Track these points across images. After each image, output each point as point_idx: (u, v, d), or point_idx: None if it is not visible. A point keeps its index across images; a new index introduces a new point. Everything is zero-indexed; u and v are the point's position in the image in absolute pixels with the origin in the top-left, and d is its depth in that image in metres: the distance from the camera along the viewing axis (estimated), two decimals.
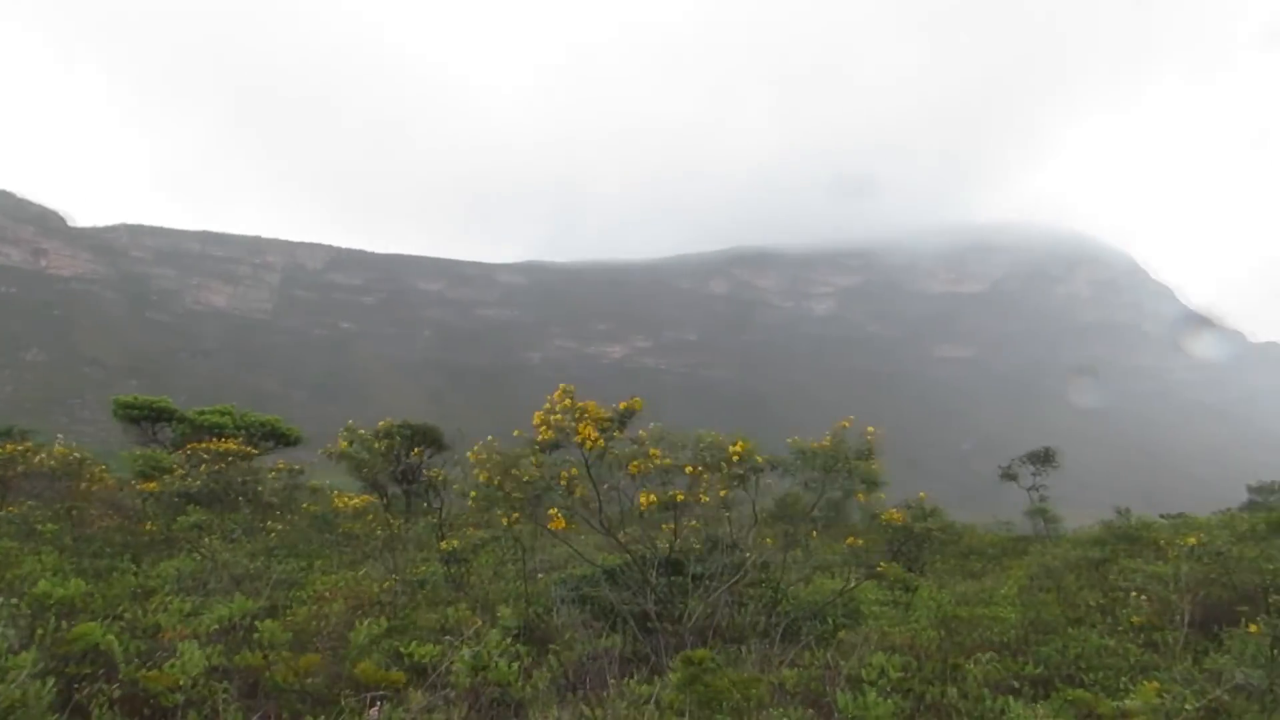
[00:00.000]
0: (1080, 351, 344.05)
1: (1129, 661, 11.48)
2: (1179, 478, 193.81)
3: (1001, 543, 31.82)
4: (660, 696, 6.27)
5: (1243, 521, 22.39)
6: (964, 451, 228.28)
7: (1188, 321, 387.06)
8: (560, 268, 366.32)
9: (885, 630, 12.01)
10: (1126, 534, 21.92)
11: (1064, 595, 16.81)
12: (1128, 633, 13.29)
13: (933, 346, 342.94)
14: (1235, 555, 15.19)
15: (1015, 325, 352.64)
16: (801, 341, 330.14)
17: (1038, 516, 40.44)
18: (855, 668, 8.05)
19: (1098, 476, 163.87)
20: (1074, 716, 7.96)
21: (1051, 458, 48.22)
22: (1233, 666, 9.92)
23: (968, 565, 26.44)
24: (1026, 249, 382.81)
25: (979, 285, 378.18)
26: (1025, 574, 20.04)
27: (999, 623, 13.11)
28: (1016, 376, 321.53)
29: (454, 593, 12.38)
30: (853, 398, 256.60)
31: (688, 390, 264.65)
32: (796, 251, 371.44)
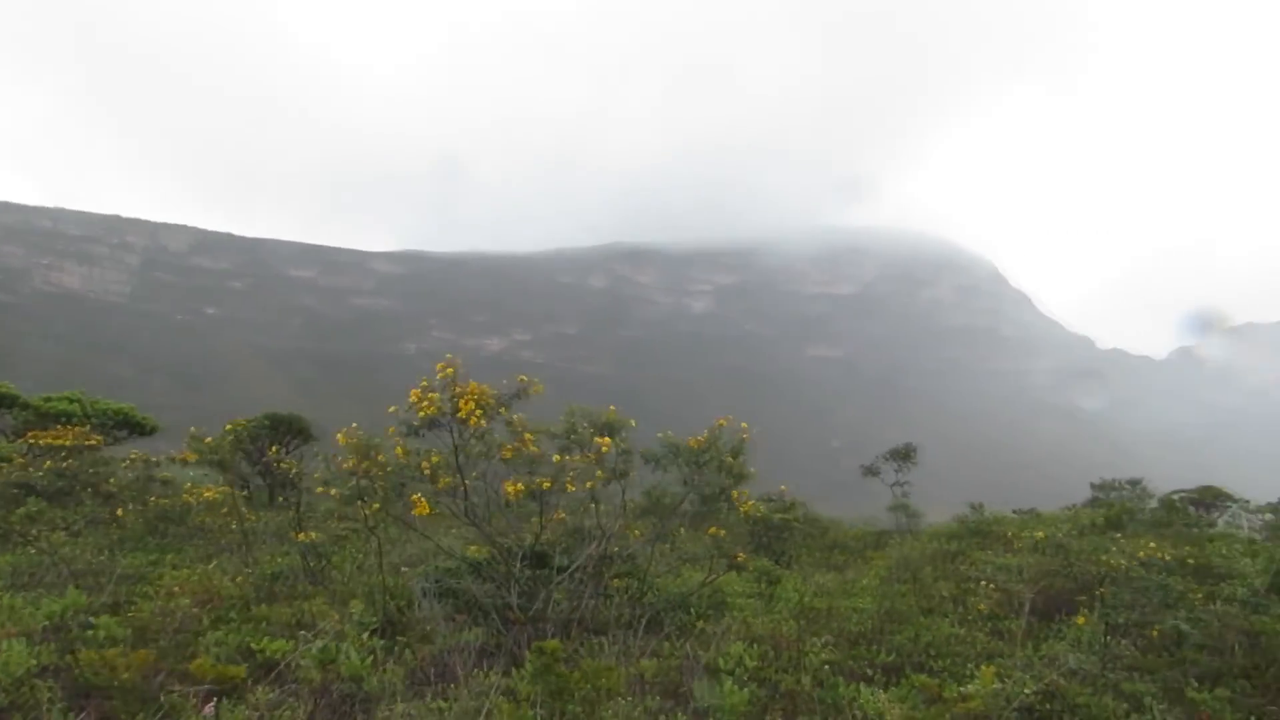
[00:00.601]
0: (943, 354, 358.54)
1: (976, 649, 12.00)
2: (1031, 475, 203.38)
3: (864, 536, 32.78)
4: (512, 688, 6.23)
5: (1085, 516, 23.71)
6: (833, 448, 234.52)
7: (1042, 327, 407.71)
8: (438, 257, 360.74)
9: (748, 621, 12.23)
10: (979, 528, 22.88)
11: (920, 586, 17.44)
12: (976, 621, 13.88)
13: (806, 346, 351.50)
14: (1075, 548, 16.03)
15: (884, 327, 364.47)
16: (679, 338, 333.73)
17: (899, 511, 41.79)
18: (714, 658, 8.17)
19: (957, 473, 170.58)
20: (919, 701, 8.26)
21: (913, 455, 49.91)
22: (1067, 652, 10.45)
23: (832, 558, 27.16)
24: (896, 254, 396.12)
25: (850, 288, 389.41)
26: (885, 566, 20.71)
27: (857, 613, 13.51)
28: (884, 376, 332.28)
29: (312, 587, 12.02)
30: (728, 395, 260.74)
31: (566, 384, 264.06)
32: (676, 249, 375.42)
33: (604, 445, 10.10)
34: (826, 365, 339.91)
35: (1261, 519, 28.76)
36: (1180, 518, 30.26)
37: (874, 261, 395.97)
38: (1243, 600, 13.06)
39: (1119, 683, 10.15)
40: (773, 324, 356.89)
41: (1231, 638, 12.17)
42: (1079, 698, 9.58)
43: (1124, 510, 25.17)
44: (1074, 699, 9.57)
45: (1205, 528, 27.59)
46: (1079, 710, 9.35)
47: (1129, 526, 24.70)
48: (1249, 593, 13.22)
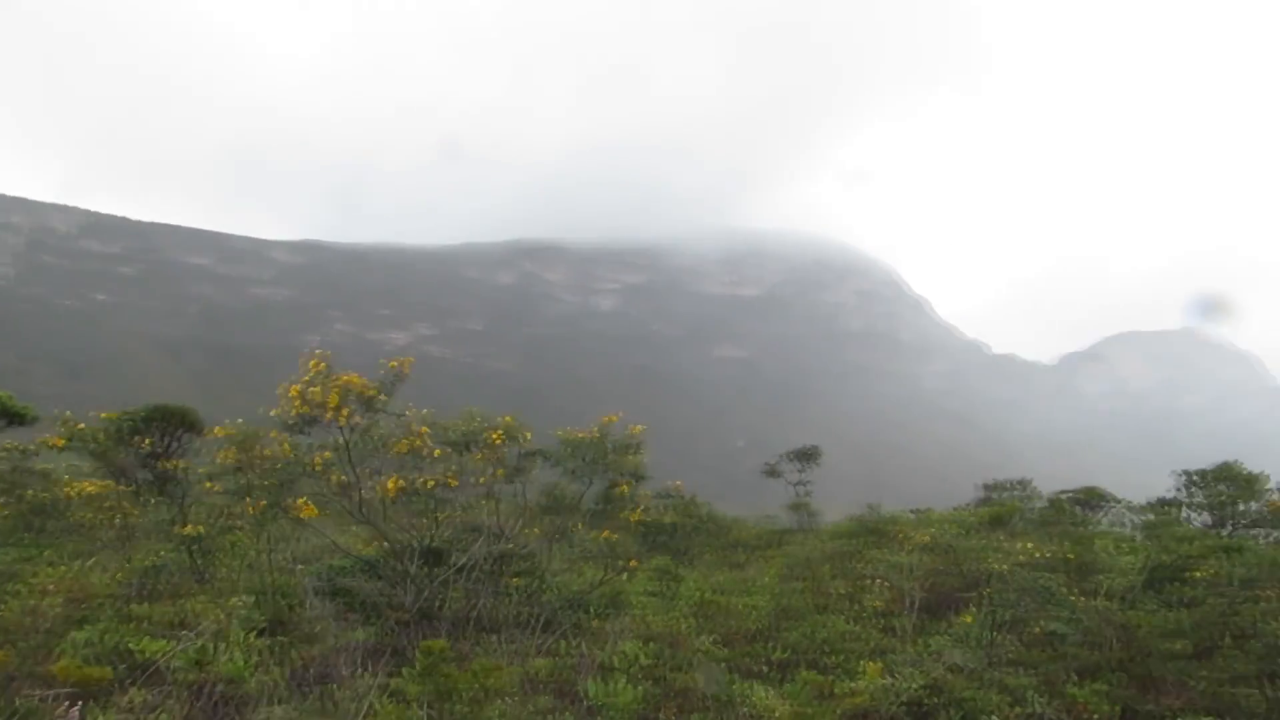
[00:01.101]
0: (844, 356, 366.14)
1: (868, 645, 12.24)
2: (925, 475, 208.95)
3: (764, 535, 33.17)
4: (400, 688, 6.09)
5: (974, 516, 24.39)
6: (736, 448, 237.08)
7: (937, 332, 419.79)
8: (342, 249, 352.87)
9: (645, 619, 12.25)
10: (874, 527, 23.36)
11: (816, 584, 17.72)
12: (869, 618, 14.18)
13: (711, 346, 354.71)
14: (963, 547, 16.49)
15: (787, 329, 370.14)
16: (586, 336, 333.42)
17: (799, 510, 42.45)
18: (607, 656, 8.14)
19: (855, 473, 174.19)
20: (809, 697, 8.38)
21: (814, 455, 50.74)
22: (950, 648, 10.72)
23: (733, 556, 27.41)
24: (800, 257, 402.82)
25: (755, 289, 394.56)
26: (783, 564, 21.00)
27: (753, 610, 13.66)
28: (786, 378, 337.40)
29: (196, 584, 11.59)
30: (634, 394, 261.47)
31: (471, 380, 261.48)
32: (584, 246, 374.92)
33: (495, 437, 9.98)
34: (731, 365, 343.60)
35: (1141, 518, 29.97)
36: (1065, 517, 31.41)
37: (778, 264, 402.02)
38: (1119, 596, 13.63)
39: (1002, 677, 10.49)
40: (678, 324, 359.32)
41: (1108, 632, 12.68)
42: (963, 692, 9.86)
43: (1011, 510, 25.98)
44: (958, 693, 9.85)
45: (1088, 527, 28.68)
46: (963, 704, 9.61)
47: (1016, 526, 25.54)
48: (1122, 588, 13.79)
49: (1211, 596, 14.29)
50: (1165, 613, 13.32)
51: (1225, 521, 26.24)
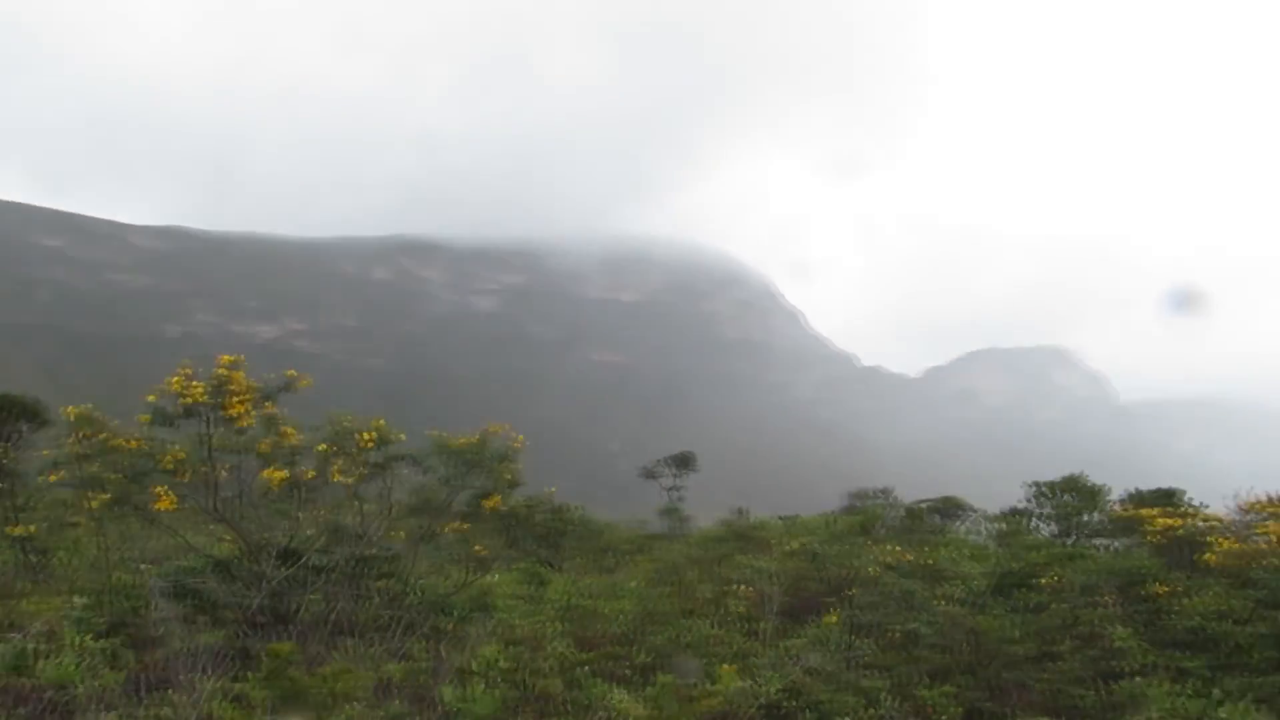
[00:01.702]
0: (720, 365, 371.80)
1: (731, 649, 12.41)
2: (794, 483, 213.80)
3: (635, 540, 33.34)
4: (245, 693, 5.83)
5: (838, 523, 25.08)
6: (611, 452, 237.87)
7: (809, 344, 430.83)
8: (209, 236, 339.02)
9: (510, 623, 12.12)
10: (742, 533, 23.79)
11: (683, 589, 17.88)
12: (733, 622, 14.38)
13: (589, 351, 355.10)
14: (827, 553, 16.92)
15: (665, 336, 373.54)
16: (464, 337, 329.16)
17: (670, 516, 42.84)
18: (466, 660, 8.01)
19: (727, 480, 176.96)
20: (669, 699, 8.42)
21: (691, 461, 51.36)
22: (808, 651, 10.97)
23: (603, 561, 27.46)
24: (680, 264, 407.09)
25: (636, 295, 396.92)
26: (651, 569, 21.12)
27: (620, 614, 13.68)
28: (663, 384, 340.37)
29: (30, 584, 10.91)
30: (511, 396, 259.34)
31: (343, 377, 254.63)
32: (464, 244, 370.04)
33: (366, 440, 9.72)
34: (609, 370, 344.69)
35: (994, 527, 31.28)
36: (923, 525, 32.55)
37: (659, 270, 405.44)
38: (969, 601, 14.19)
39: (857, 680, 10.78)
40: (558, 327, 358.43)
41: (959, 636, 13.19)
42: (820, 694, 10.10)
43: (873, 517, 26.80)
44: (815, 696, 10.07)
45: (945, 535, 29.80)
46: (819, 707, 9.84)
47: (878, 533, 26.35)
48: (973, 594, 14.37)
49: (1055, 602, 15.04)
50: (1012, 617, 13.94)
51: (1070, 531, 27.61)
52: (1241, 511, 18.64)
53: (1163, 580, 15.23)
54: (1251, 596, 13.65)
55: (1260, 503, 18.10)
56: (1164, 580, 15.25)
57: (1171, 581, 15.25)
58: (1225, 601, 13.58)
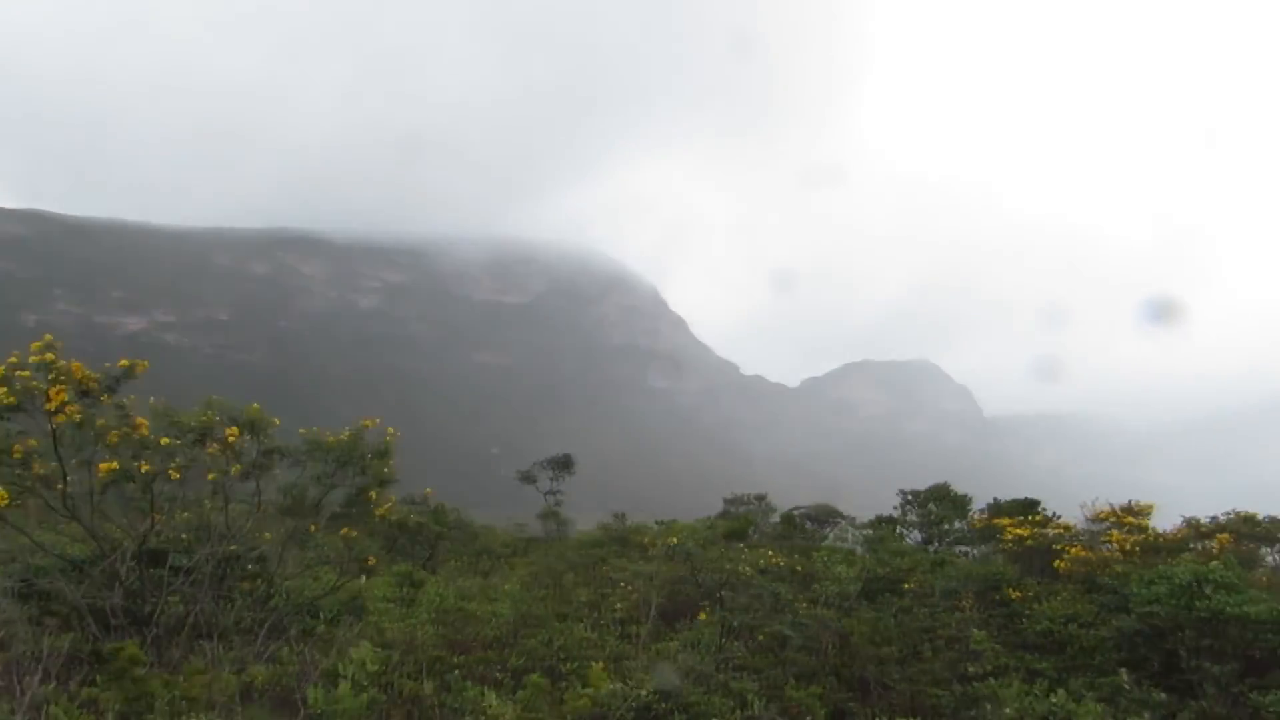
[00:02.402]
0: (605, 369, 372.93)
1: (606, 651, 12.46)
2: (675, 488, 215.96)
3: (514, 543, 33.20)
4: (94, 697, 5.58)
5: (715, 528, 25.47)
6: (492, 455, 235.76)
7: (694, 351, 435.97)
8: (73, 222, 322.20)
9: (382, 625, 11.91)
10: (621, 536, 23.96)
11: (561, 592, 17.88)
12: (609, 625, 14.45)
13: (472, 352, 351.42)
14: (702, 556, 17.16)
15: (550, 339, 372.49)
16: (344, 334, 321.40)
17: (549, 519, 42.78)
18: (333, 663, 7.83)
19: (609, 484, 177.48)
20: (541, 702, 8.42)
21: (571, 465, 51.35)
22: (678, 653, 11.10)
23: (480, 563, 27.25)
24: (566, 268, 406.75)
25: (520, 297, 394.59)
26: (529, 572, 21.06)
27: (495, 617, 13.58)
28: (547, 387, 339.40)
29: None
30: (391, 396, 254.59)
31: (214, 373, 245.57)
32: (346, 240, 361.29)
33: (231, 434, 9.40)
34: (492, 372, 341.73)
35: (864, 534, 32.24)
36: (797, 531, 33.36)
37: (544, 273, 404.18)
38: (837, 605, 14.60)
39: (728, 681, 10.96)
40: (441, 327, 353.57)
41: (827, 638, 13.54)
42: (691, 696, 10.23)
43: (748, 523, 27.31)
44: (686, 698, 10.20)
45: (818, 541, 30.61)
46: (690, 708, 9.97)
47: (753, 538, 26.88)
48: (841, 598, 14.79)
49: (918, 606, 15.62)
50: (878, 621, 14.39)
51: (935, 538, 28.70)
52: (1091, 521, 19.74)
53: (1018, 586, 15.98)
54: (1097, 601, 14.44)
55: (1107, 512, 19.17)
56: (1019, 586, 16.00)
57: (1026, 587, 16.01)
58: (1074, 606, 14.32)
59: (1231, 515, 18.96)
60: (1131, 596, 13.09)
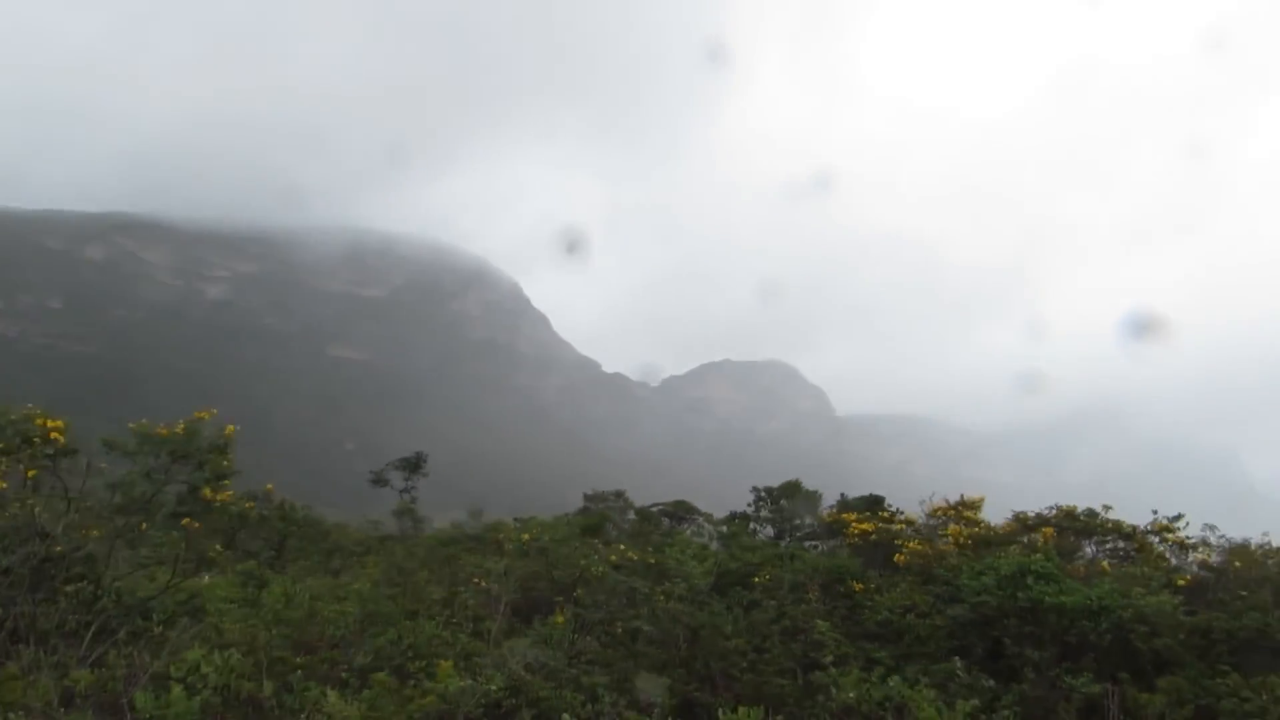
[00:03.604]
0: (466, 365, 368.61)
1: (457, 649, 12.32)
2: (536, 485, 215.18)
3: (366, 541, 32.49)
4: None
5: (572, 524, 25.53)
6: (348, 451, 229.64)
7: (556, 348, 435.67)
8: None
9: (223, 626, 11.47)
10: (476, 534, 23.74)
11: (412, 590, 17.57)
12: (462, 623, 14.29)
13: (328, 346, 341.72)
14: (557, 552, 17.18)
15: (409, 334, 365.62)
16: (189, 325, 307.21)
17: (404, 516, 42.05)
18: (164, 665, 7.50)
19: (468, 481, 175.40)
20: (387, 700, 8.28)
21: (423, 463, 50.57)
22: (529, 649, 11.11)
23: (331, 562, 26.55)
24: (427, 262, 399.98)
25: (378, 290, 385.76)
26: (380, 570, 20.62)
27: (342, 616, 13.25)
28: (406, 383, 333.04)
29: None
30: (241, 390, 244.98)
31: (46, 364, 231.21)
32: (193, 227, 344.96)
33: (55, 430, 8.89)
34: (348, 367, 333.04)
35: (719, 530, 32.86)
36: (654, 528, 33.73)
37: (404, 267, 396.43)
38: (689, 599, 14.86)
39: (579, 676, 11.01)
40: (294, 320, 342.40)
41: (678, 632, 13.78)
42: (541, 691, 10.23)
43: (604, 519, 27.47)
44: (536, 693, 10.21)
45: (674, 537, 31.03)
46: (540, 703, 9.98)
47: (610, 534, 27.06)
48: (693, 592, 15.08)
49: (767, 599, 16.05)
50: (728, 614, 14.72)
51: (786, 533, 29.51)
52: (929, 516, 20.70)
53: (861, 578, 16.61)
54: (933, 592, 15.15)
55: (944, 508, 20.15)
56: (862, 578, 16.63)
57: (868, 579, 16.67)
58: (911, 597, 14.99)
59: (1055, 510, 20.14)
60: (963, 587, 13.81)
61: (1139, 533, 18.48)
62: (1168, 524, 18.32)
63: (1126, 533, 18.64)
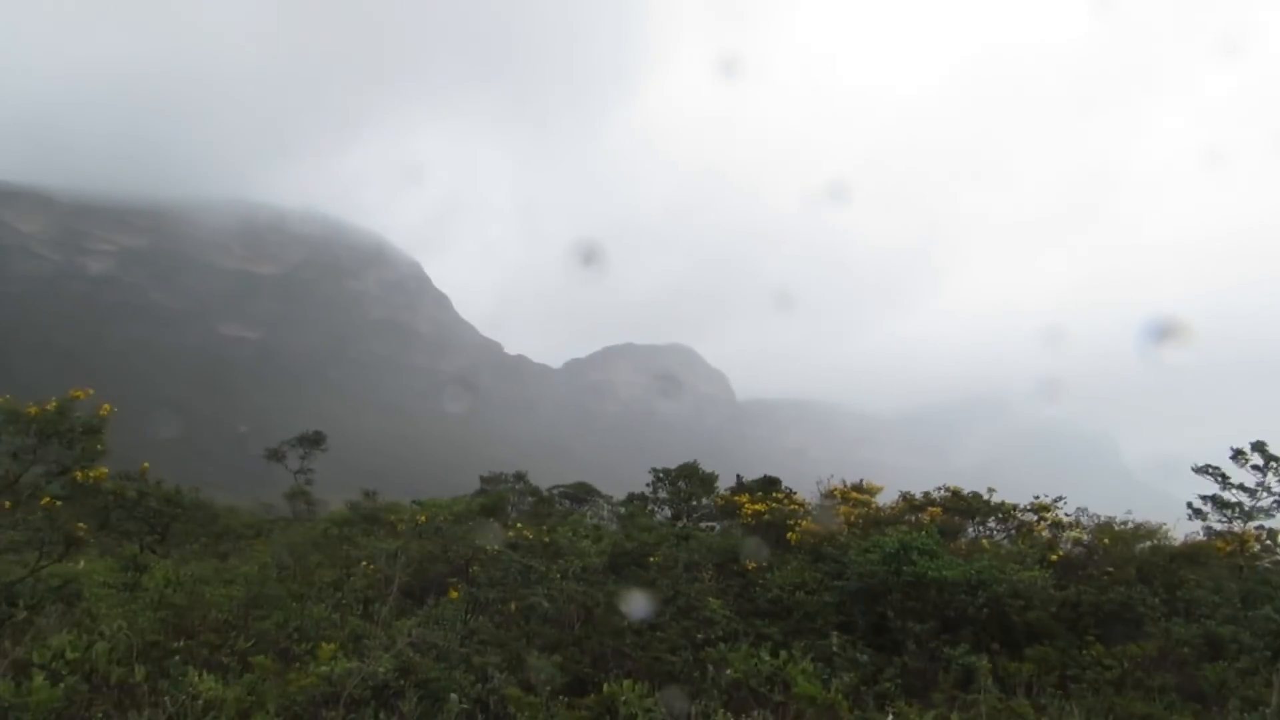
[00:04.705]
0: (364, 346, 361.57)
1: (346, 631, 12.12)
2: (437, 467, 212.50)
3: (258, 524, 31.75)
4: None
5: (469, 505, 25.32)
6: (240, 434, 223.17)
7: (457, 329, 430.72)
8: None
9: (99, 612, 11.07)
10: (371, 515, 23.37)
11: (302, 572, 17.21)
12: (352, 604, 14.06)
13: (220, 324, 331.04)
14: (452, 532, 17.05)
15: (307, 313, 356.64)
16: (70, 301, 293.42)
17: (298, 499, 41.16)
18: (26, 652, 7.18)
19: (367, 463, 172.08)
20: (268, 683, 8.11)
21: (321, 443, 49.50)
22: (419, 628, 11.00)
23: (219, 545, 25.88)
24: (325, 239, 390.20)
25: (274, 268, 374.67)
26: (269, 553, 20.14)
27: (227, 600, 12.91)
28: (302, 363, 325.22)
29: None
30: (126, 369, 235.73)
31: None
32: (74, 197, 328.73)
33: None
34: (241, 346, 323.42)
35: (618, 511, 33.04)
36: (553, 509, 33.71)
37: (302, 244, 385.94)
38: (584, 578, 14.92)
39: (470, 655, 10.95)
40: (184, 296, 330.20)
41: (571, 610, 13.82)
42: (430, 672, 10.15)
43: (502, 499, 27.35)
44: (426, 674, 10.11)
45: (573, 518, 31.07)
46: (429, 684, 9.89)
47: (509, 516, 26.92)
48: (588, 571, 15.14)
49: (661, 578, 16.20)
50: (622, 593, 14.81)
51: (683, 514, 29.80)
52: (823, 497, 21.19)
53: (754, 557, 16.90)
54: (822, 570, 15.52)
55: (837, 489, 20.66)
56: (755, 557, 16.93)
57: (761, 558, 16.97)
58: (801, 575, 15.33)
59: (942, 491, 20.83)
60: (850, 564, 14.17)
61: (1018, 512, 19.25)
62: (1046, 504, 19.12)
63: (1007, 512, 19.40)
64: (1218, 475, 16.15)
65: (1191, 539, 16.83)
